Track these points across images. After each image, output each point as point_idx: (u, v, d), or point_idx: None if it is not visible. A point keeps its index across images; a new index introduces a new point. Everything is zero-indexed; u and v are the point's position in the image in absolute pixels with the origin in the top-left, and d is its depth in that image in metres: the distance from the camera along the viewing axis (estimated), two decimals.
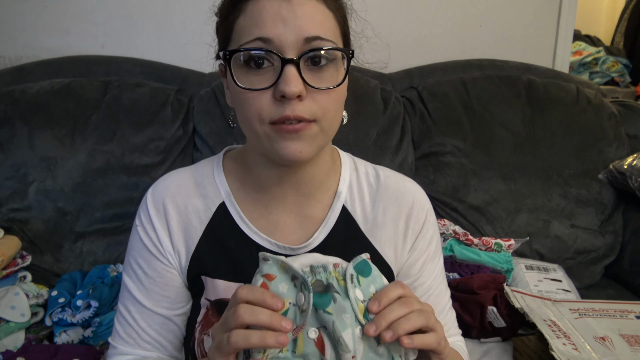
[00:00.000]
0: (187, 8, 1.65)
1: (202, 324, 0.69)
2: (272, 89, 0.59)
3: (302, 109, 0.59)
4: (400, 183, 0.77)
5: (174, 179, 0.75)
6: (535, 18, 1.89)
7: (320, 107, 0.61)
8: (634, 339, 1.04)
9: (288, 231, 0.72)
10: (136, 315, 0.72)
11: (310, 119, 0.60)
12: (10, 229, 1.30)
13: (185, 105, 1.48)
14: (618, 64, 3.28)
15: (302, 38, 0.59)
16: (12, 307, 1.10)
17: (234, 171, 0.75)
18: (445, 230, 1.40)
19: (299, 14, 0.59)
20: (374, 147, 1.49)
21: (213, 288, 0.70)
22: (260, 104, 0.60)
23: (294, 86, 0.57)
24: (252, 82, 0.60)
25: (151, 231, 0.72)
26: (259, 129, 0.61)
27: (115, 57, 1.58)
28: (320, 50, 0.60)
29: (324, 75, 0.61)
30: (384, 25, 1.74)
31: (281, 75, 0.58)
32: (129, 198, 1.38)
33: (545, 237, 1.51)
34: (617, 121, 1.62)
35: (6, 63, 1.61)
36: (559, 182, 1.55)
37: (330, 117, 0.63)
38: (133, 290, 0.72)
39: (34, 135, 1.36)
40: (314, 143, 0.63)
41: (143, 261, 0.72)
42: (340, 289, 0.55)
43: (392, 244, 0.75)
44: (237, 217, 0.72)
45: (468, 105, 1.58)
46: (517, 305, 1.07)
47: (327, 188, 0.74)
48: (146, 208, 0.73)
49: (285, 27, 0.59)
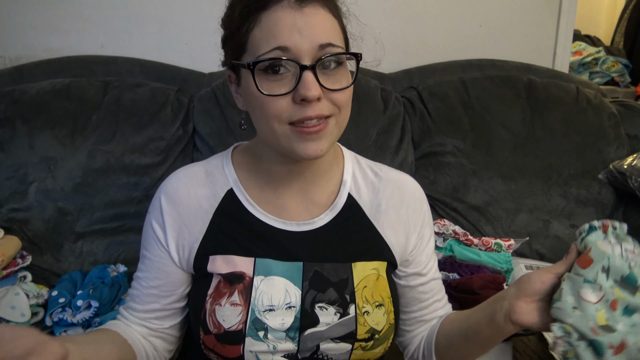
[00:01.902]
0: (187, 8, 1.65)
1: (213, 296, 0.73)
2: (292, 94, 0.65)
3: (321, 108, 0.66)
4: (399, 175, 0.85)
5: (186, 171, 0.80)
6: (535, 18, 1.89)
7: (336, 104, 0.68)
8: None
9: (294, 213, 0.78)
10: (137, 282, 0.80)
11: (328, 114, 0.67)
12: (10, 229, 1.30)
13: (185, 105, 1.48)
14: (618, 64, 3.28)
15: (317, 45, 0.64)
16: (12, 307, 1.10)
17: (243, 163, 0.80)
18: (445, 230, 1.40)
19: (312, 23, 0.65)
20: (374, 147, 1.49)
21: (226, 263, 0.74)
22: (280, 106, 0.65)
23: (314, 90, 0.63)
24: (272, 88, 0.65)
25: (158, 223, 0.77)
26: (278, 128, 0.67)
27: (115, 57, 1.58)
28: (334, 55, 0.66)
29: (337, 77, 0.67)
30: (384, 25, 1.74)
31: (300, 80, 0.64)
32: (129, 198, 1.38)
33: (545, 237, 1.51)
34: (617, 121, 1.62)
35: (6, 63, 1.61)
36: (559, 182, 1.55)
37: (344, 112, 0.71)
38: (140, 265, 0.80)
39: (34, 135, 1.36)
40: (331, 138, 0.70)
41: (147, 243, 0.79)
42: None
43: (394, 230, 0.80)
44: (245, 201, 0.78)
45: (468, 105, 1.58)
46: None
47: (330, 177, 0.81)
48: (158, 198, 0.79)
49: (301, 36, 0.64)
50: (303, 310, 0.72)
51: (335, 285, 0.74)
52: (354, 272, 0.76)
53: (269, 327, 0.71)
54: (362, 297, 0.74)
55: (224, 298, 0.72)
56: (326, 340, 0.73)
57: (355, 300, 0.74)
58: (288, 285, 0.73)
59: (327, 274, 0.75)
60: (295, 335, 0.72)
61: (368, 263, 0.77)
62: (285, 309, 0.72)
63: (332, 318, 0.73)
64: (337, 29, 0.68)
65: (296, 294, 0.73)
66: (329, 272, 0.75)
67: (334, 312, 0.73)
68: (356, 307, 0.74)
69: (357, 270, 0.76)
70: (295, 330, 0.72)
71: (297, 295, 0.73)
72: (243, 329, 0.71)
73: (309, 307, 0.73)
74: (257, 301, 0.72)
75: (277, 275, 0.74)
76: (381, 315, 0.75)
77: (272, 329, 0.71)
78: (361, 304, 0.74)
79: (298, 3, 0.65)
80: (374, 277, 0.76)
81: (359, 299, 0.74)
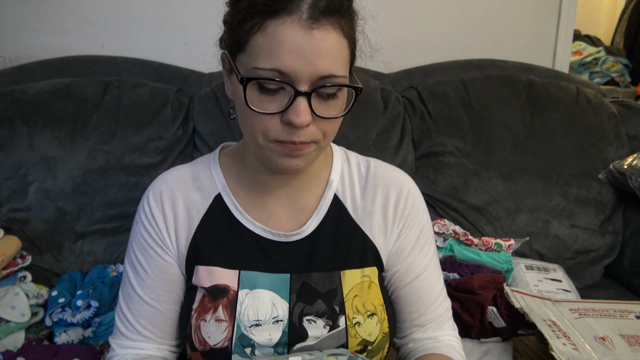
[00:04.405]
0: (187, 8, 1.65)
1: (198, 311, 0.71)
2: (281, 114, 0.62)
3: (306, 134, 0.63)
4: (389, 172, 0.80)
5: (172, 175, 0.78)
6: (535, 18, 1.89)
7: (322, 132, 0.65)
8: (634, 339, 1.04)
9: (281, 221, 0.75)
10: (137, 311, 0.74)
11: (311, 141, 0.65)
12: (10, 229, 1.30)
13: (185, 105, 1.48)
14: (618, 64, 3.28)
15: (318, 76, 0.61)
16: (12, 307, 1.10)
17: (230, 165, 0.78)
18: (445, 230, 1.40)
19: (318, 50, 0.60)
20: (374, 147, 1.49)
21: (209, 275, 0.72)
22: (268, 124, 0.63)
23: (303, 118, 0.61)
24: (263, 105, 0.62)
25: (151, 226, 0.74)
26: (262, 142, 0.65)
27: (115, 57, 1.58)
28: (332, 86, 0.62)
29: (331, 105, 0.64)
30: (384, 25, 1.74)
31: (292, 105, 0.61)
32: (129, 198, 1.38)
33: (545, 237, 1.51)
34: (617, 121, 1.62)
35: (6, 63, 1.61)
36: (559, 182, 1.55)
37: (328, 139, 0.68)
38: (135, 287, 0.74)
39: (34, 135, 1.36)
40: (310, 158, 0.68)
41: (143, 258, 0.74)
42: None
43: (381, 230, 0.77)
44: (233, 207, 0.75)
45: (468, 105, 1.58)
46: (517, 306, 1.07)
47: (319, 180, 0.78)
48: (146, 204, 0.76)
49: (303, 62, 0.59)
50: (291, 324, 0.69)
51: (323, 296, 0.71)
52: (343, 281, 0.72)
53: (256, 343, 0.68)
54: (352, 308, 0.71)
55: (209, 313, 0.69)
56: None
57: (345, 311, 0.71)
58: (275, 298, 0.70)
59: (315, 285, 0.72)
60: (283, 351, 0.69)
61: (357, 270, 0.74)
62: (273, 324, 0.69)
63: (322, 331, 0.70)
64: (344, 55, 0.63)
65: (283, 307, 0.70)
66: (317, 283, 0.72)
67: (323, 325, 0.70)
68: (346, 319, 0.71)
69: (346, 279, 0.73)
70: (283, 346, 0.69)
71: (284, 309, 0.70)
72: (229, 346, 0.68)
73: (297, 320, 0.70)
74: (243, 316, 0.69)
75: (263, 288, 0.71)
76: (373, 325, 0.72)
77: (259, 345, 0.68)
78: (351, 314, 0.71)
79: (309, 23, 0.59)
80: (365, 284, 0.73)
81: (349, 309, 0.71)
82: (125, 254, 0.77)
